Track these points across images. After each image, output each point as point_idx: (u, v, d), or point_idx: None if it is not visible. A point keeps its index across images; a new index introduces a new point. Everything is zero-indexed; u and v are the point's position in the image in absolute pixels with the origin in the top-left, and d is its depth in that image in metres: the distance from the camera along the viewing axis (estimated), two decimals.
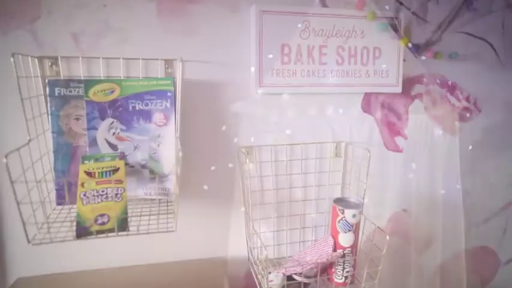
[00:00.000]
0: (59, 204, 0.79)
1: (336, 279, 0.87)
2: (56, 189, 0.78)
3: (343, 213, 0.83)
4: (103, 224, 0.68)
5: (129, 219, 0.76)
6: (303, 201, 0.99)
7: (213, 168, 0.92)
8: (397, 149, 1.04)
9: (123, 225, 0.68)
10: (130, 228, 0.69)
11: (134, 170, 0.82)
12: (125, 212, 0.70)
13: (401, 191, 1.07)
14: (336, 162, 0.99)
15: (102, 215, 0.69)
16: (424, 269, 1.14)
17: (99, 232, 0.67)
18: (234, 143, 0.92)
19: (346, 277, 0.87)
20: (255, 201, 0.95)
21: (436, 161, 1.08)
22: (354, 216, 0.83)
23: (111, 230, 0.67)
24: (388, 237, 0.79)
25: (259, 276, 0.87)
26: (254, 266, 0.91)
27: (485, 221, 1.17)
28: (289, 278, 0.86)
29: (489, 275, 1.21)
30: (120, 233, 0.67)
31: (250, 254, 0.96)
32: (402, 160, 1.05)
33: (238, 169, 0.93)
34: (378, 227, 0.83)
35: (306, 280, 0.84)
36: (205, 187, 0.92)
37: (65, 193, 0.78)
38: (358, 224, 0.84)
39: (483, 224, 1.17)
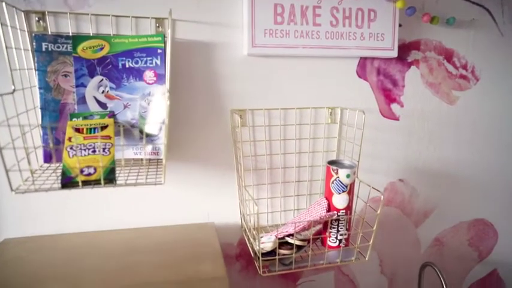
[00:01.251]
0: (46, 161, 0.77)
1: (329, 243, 0.86)
2: (43, 146, 0.77)
3: (337, 173, 0.81)
4: (89, 175, 0.66)
5: (117, 174, 0.74)
6: (297, 168, 0.97)
7: (204, 131, 0.90)
8: (394, 117, 1.03)
9: (110, 177, 0.67)
10: (117, 182, 0.68)
11: (124, 130, 0.81)
12: (113, 164, 0.68)
13: (398, 160, 1.05)
14: (331, 128, 0.98)
15: (88, 167, 0.67)
16: (421, 241, 1.12)
17: (85, 183, 0.65)
18: (226, 106, 0.91)
19: (340, 240, 0.85)
20: (248, 167, 0.94)
21: (433, 130, 1.07)
22: (348, 176, 0.81)
23: (97, 182, 0.66)
24: (382, 197, 0.78)
25: (252, 239, 0.85)
26: (248, 232, 0.90)
27: (483, 193, 1.15)
28: (282, 244, 0.84)
29: (487, 249, 1.19)
30: (106, 185, 0.65)
31: (243, 221, 0.94)
32: (399, 128, 1.03)
33: (230, 133, 0.91)
34: (373, 187, 0.81)
35: (299, 242, 0.83)
36: (196, 151, 0.90)
37: (52, 151, 0.77)
38: (352, 185, 0.82)
39: (481, 196, 1.15)
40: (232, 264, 0.98)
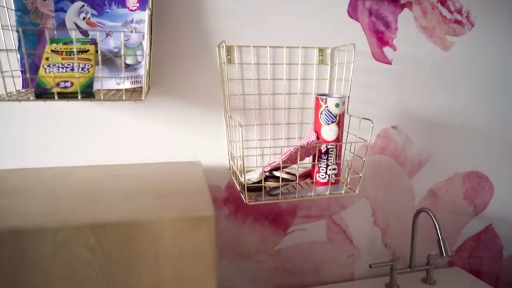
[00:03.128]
0: (24, 87, 0.75)
1: (319, 179, 0.83)
2: (21, 71, 0.74)
3: (325, 102, 0.79)
4: (66, 87, 0.64)
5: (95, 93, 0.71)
6: (287, 110, 0.95)
7: (191, 68, 0.88)
8: (386, 61, 1.00)
9: (87, 90, 0.64)
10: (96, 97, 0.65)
11: (106, 59, 0.78)
12: (91, 79, 0.65)
13: (391, 107, 1.03)
14: (322, 70, 0.95)
15: (65, 81, 0.65)
16: (416, 192, 1.10)
17: (60, 95, 0.63)
18: (213, 42, 0.88)
19: (329, 175, 0.83)
20: (236, 106, 0.91)
21: (427, 76, 1.04)
22: (337, 105, 0.79)
23: (74, 94, 0.63)
24: (372, 124, 0.75)
25: (238, 173, 0.82)
26: (236, 174, 0.87)
27: (479, 145, 1.13)
28: (270, 177, 0.82)
29: (482, 204, 1.17)
30: (84, 99, 0.63)
31: (231, 163, 0.92)
32: (391, 73, 1.01)
33: (217, 70, 0.89)
34: (363, 117, 0.78)
35: (286, 175, 0.80)
36: (183, 89, 0.88)
37: (28, 79, 0.74)
38: (342, 116, 0.80)
39: (477, 148, 1.13)
40: (221, 209, 0.96)
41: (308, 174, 0.88)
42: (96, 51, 0.76)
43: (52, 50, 0.70)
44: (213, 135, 0.91)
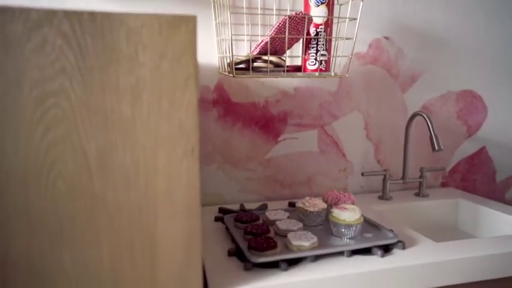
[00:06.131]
0: None
1: (309, 66, 0.82)
2: None
3: None
4: None
5: None
6: (278, 10, 0.93)
7: None
8: None
9: None
10: None
11: None
12: None
13: (382, 16, 1.01)
14: None
15: None
16: (409, 107, 1.09)
17: None
18: None
19: (320, 62, 0.81)
20: (224, 2, 0.89)
21: None
22: None
23: None
24: (362, 2, 0.74)
25: (227, 54, 0.81)
26: (224, 59, 0.86)
27: (473, 62, 1.11)
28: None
29: (476, 124, 1.16)
30: None
31: (220, 62, 0.90)
32: None
33: None
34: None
35: (274, 59, 0.79)
36: None
37: None
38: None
39: (470, 65, 1.11)
40: (209, 111, 0.94)
41: (298, 68, 0.86)
42: None
43: None
44: (201, 34, 0.90)
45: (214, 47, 0.91)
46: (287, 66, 0.83)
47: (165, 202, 0.49)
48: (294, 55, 0.95)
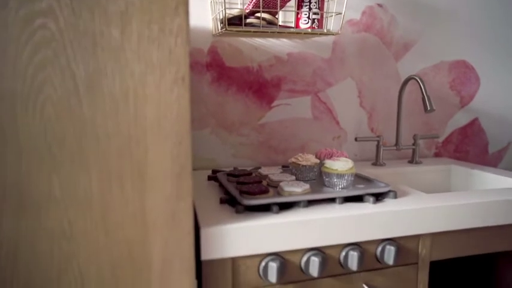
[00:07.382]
0: None
1: (301, 24, 0.82)
2: None
3: None
4: None
5: None
6: None
7: None
8: None
9: None
10: None
11: None
12: None
13: None
14: None
15: None
16: (402, 76, 1.09)
17: None
18: None
19: (313, 20, 0.81)
20: None
21: None
22: None
23: None
24: None
25: (220, 10, 0.80)
26: (217, 18, 0.86)
27: (466, 33, 1.12)
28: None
29: (469, 95, 1.16)
30: None
31: (214, 25, 0.90)
32: None
33: None
34: None
35: (266, 15, 0.79)
36: None
37: None
38: None
39: (463, 36, 1.12)
40: (203, 75, 0.94)
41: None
42: None
43: None
44: None
45: (208, 9, 0.91)
46: (279, 26, 0.83)
47: (154, 130, 0.49)
48: (287, 15, 0.95)
